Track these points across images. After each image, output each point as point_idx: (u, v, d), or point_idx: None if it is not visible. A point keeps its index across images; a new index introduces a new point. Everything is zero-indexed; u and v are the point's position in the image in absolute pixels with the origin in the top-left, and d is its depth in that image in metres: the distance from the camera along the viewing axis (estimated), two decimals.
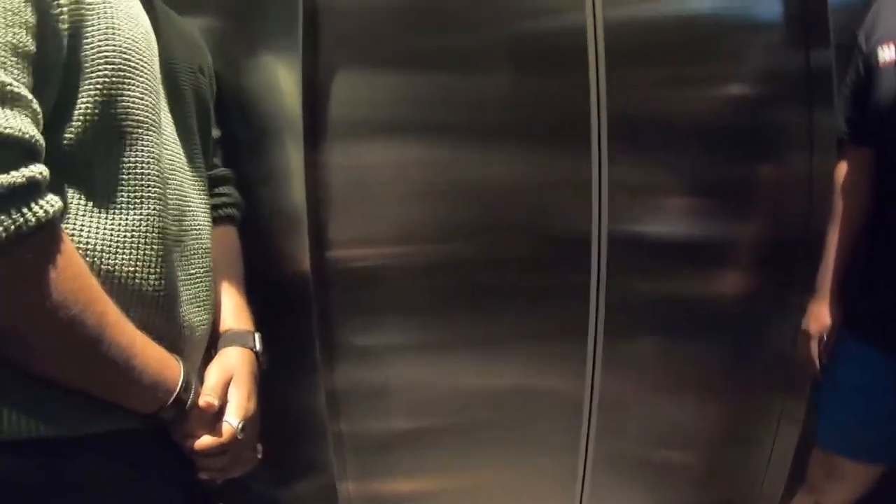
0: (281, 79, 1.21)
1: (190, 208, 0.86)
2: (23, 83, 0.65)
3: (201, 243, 0.88)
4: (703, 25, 1.40)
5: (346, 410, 1.34)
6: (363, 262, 1.31)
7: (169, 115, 0.84)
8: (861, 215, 1.33)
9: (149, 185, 0.76)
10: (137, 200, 0.75)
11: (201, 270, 0.87)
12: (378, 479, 1.41)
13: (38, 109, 0.66)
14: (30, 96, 0.65)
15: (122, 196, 0.74)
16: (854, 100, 1.34)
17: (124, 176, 0.74)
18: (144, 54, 0.77)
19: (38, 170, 0.64)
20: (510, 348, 1.38)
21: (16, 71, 0.64)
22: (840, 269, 1.33)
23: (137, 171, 0.75)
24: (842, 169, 1.36)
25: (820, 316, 1.34)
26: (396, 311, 1.33)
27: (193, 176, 0.88)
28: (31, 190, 0.63)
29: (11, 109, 0.63)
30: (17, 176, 0.61)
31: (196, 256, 0.86)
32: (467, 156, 1.32)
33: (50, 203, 0.64)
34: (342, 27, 1.25)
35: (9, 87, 0.63)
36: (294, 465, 1.38)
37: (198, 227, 0.87)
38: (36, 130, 0.65)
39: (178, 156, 0.84)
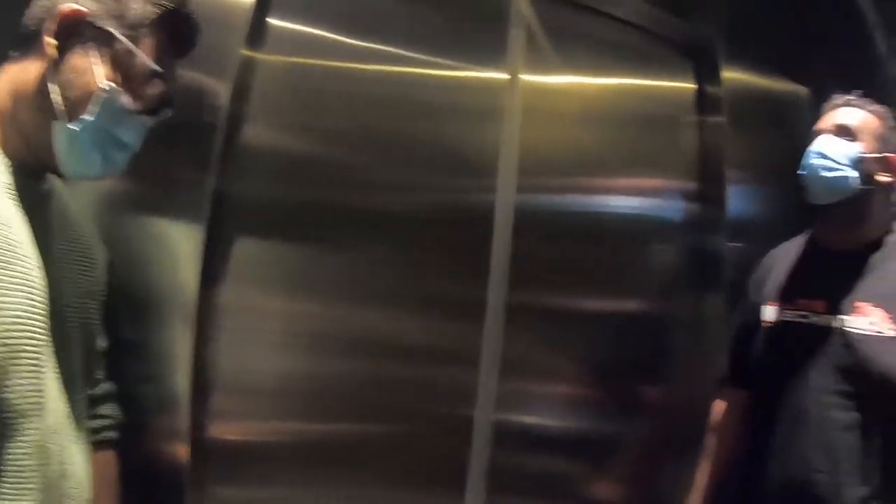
0: (180, 248, 1.16)
1: (71, 466, 0.81)
2: None
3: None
4: (610, 231, 1.48)
5: None
6: (242, 437, 1.25)
7: (54, 361, 0.78)
8: (730, 454, 1.38)
9: (30, 478, 0.72)
10: (16, 493, 0.71)
11: None
12: None
13: None
14: None
15: (2, 488, 0.70)
16: (738, 346, 1.40)
17: (3, 467, 0.70)
18: (28, 323, 0.72)
19: None
20: None
21: None
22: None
23: (19, 463, 0.71)
24: (718, 407, 1.42)
25: None
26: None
27: (75, 426, 0.82)
28: None
29: None
30: None
31: None
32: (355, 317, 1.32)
33: None
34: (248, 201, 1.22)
35: None
36: None
37: (78, 485, 0.82)
38: None
39: (60, 413, 0.78)
